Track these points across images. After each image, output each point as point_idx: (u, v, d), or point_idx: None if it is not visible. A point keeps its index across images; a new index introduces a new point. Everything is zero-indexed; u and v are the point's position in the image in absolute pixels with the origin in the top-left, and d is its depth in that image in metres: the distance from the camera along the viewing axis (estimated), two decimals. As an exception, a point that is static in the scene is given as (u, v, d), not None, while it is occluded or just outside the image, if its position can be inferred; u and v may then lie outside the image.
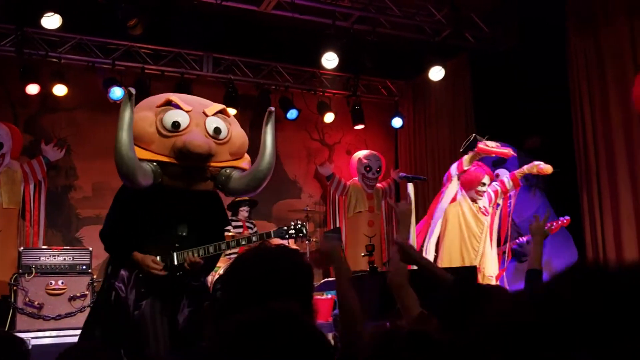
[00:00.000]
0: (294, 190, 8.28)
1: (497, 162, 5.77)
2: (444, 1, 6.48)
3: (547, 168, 5.03)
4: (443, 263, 5.11)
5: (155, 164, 3.31)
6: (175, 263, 3.34)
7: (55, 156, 6.75)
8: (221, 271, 5.81)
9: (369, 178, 7.93)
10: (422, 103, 8.05)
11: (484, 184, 5.16)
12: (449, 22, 6.62)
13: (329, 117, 7.92)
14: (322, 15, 6.30)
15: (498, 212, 5.36)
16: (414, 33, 6.73)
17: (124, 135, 3.13)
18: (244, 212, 6.94)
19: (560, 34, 5.95)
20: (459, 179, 5.35)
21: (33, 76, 6.51)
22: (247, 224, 6.92)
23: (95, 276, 5.74)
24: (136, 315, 3.26)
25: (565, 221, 5.32)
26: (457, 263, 5.10)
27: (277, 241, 4.42)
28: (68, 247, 6.08)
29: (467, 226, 5.22)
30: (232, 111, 7.15)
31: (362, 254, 6.01)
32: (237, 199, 6.87)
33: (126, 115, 3.16)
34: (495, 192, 5.29)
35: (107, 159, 6.95)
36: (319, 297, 5.88)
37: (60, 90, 6.61)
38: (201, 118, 3.46)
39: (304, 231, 3.78)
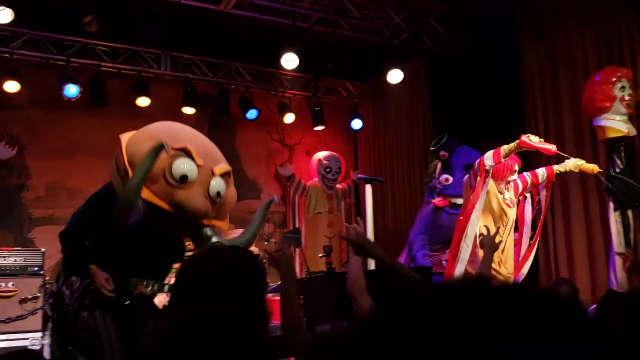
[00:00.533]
0: (254, 191, 8.24)
1: (469, 167, 5.74)
2: (402, 5, 6.56)
3: (591, 167, 4.55)
4: None
5: (145, 202, 3.21)
6: (124, 287, 3.21)
7: (6, 154, 6.56)
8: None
9: (328, 179, 7.96)
10: (382, 105, 8.13)
11: (515, 172, 4.70)
12: (407, 25, 6.70)
13: (289, 118, 7.92)
14: (282, 16, 6.29)
15: (529, 206, 4.84)
16: (373, 36, 6.79)
17: (140, 181, 3.10)
18: None
19: (514, 38, 6.10)
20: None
21: (-17, 72, 6.31)
22: None
23: (47, 278, 5.59)
24: (79, 323, 3.19)
25: None
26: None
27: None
28: (19, 248, 5.90)
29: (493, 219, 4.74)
30: (189, 110, 7.22)
31: (320, 255, 6.05)
32: None
33: (148, 163, 3.11)
34: (525, 183, 4.81)
35: (61, 158, 6.87)
36: (275, 298, 5.86)
37: (12, 86, 6.43)
38: (208, 176, 3.40)
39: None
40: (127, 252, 3.30)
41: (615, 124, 4.62)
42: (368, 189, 4.60)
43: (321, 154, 8.12)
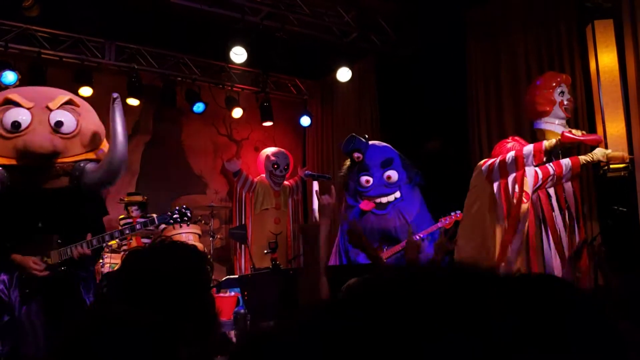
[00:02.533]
0: (199, 186, 8.12)
1: (386, 164, 5.67)
2: (352, 3, 6.59)
3: (620, 155, 4.39)
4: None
5: (0, 167, 3.27)
6: (59, 260, 3.31)
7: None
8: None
9: (276, 175, 7.92)
10: (330, 103, 8.15)
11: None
12: (356, 24, 6.74)
13: (237, 113, 7.84)
14: (231, 9, 6.21)
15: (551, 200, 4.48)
16: (322, 33, 6.79)
17: None
18: (134, 211, 6.74)
19: (460, 41, 6.23)
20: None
21: None
22: (139, 220, 6.71)
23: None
24: (22, 316, 3.23)
25: (458, 215, 5.37)
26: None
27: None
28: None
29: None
30: (134, 102, 7.04)
31: (265, 251, 6.01)
32: (124, 201, 6.70)
33: None
34: (546, 174, 4.45)
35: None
36: (222, 294, 5.80)
37: (-57, 71, 6.11)
38: (44, 114, 3.40)
39: (189, 214, 3.80)
40: (33, 228, 3.31)
41: (555, 127, 4.77)
42: (315, 185, 4.59)
43: (269, 150, 8.08)
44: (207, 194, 8.11)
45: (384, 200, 5.60)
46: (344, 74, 6.92)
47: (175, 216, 3.76)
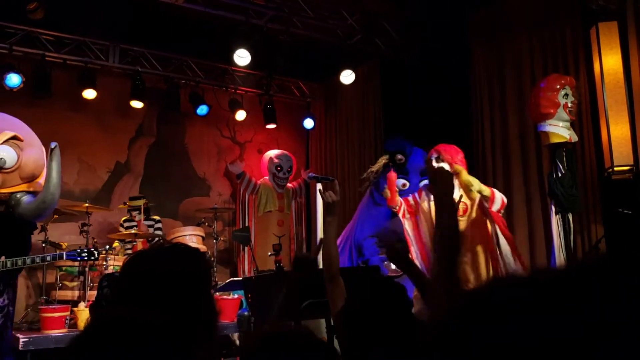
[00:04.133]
0: (203, 188, 8.13)
1: (424, 173, 5.66)
2: (356, 6, 6.59)
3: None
4: None
5: None
6: None
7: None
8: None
9: (279, 178, 7.92)
10: (334, 105, 8.16)
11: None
12: (360, 27, 6.74)
13: (240, 115, 7.85)
14: (236, 12, 6.22)
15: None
16: (326, 36, 6.80)
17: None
18: (137, 215, 6.76)
19: (464, 43, 6.23)
20: None
21: None
22: (143, 222, 6.73)
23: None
24: None
25: None
26: None
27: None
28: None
29: None
30: (138, 104, 7.05)
31: (269, 254, 5.99)
32: (127, 205, 6.72)
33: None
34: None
35: (0, 149, 6.56)
36: (225, 297, 5.80)
37: (-52, 74, 6.13)
38: None
39: (96, 254, 4.21)
40: None
41: (559, 130, 4.76)
42: (319, 188, 4.60)
43: (272, 153, 8.08)
44: (210, 196, 8.12)
45: None
46: (347, 77, 6.93)
47: (83, 254, 4.15)
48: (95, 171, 7.32)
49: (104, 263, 5.85)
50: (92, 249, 4.22)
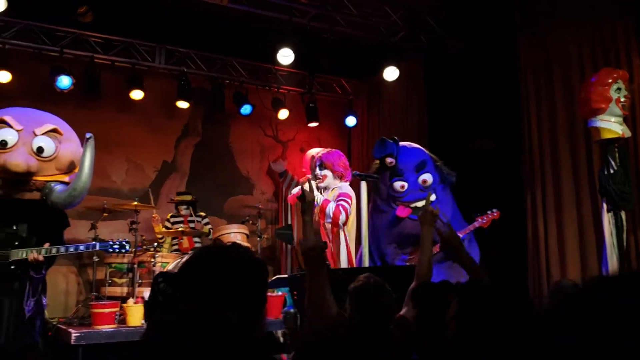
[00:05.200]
0: (247, 187, 8.22)
1: (420, 167, 5.52)
2: (399, 3, 6.54)
3: None
4: None
5: None
6: (13, 258, 3.90)
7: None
8: (170, 267, 5.72)
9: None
10: (376, 103, 8.11)
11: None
12: (404, 23, 6.69)
13: (283, 114, 7.89)
14: (279, 11, 6.26)
15: None
16: (369, 33, 6.77)
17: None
18: (183, 210, 6.87)
19: (510, 38, 6.11)
20: None
21: (-26, 61, 6.23)
22: (189, 219, 6.84)
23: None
24: None
25: (495, 214, 5.23)
26: None
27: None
28: None
29: None
30: (183, 105, 7.17)
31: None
32: (174, 200, 6.93)
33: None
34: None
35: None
36: (269, 294, 5.84)
37: (3, 77, 6.35)
38: (30, 137, 3.99)
39: (127, 247, 4.33)
40: (6, 230, 3.97)
41: (611, 125, 4.63)
42: (363, 185, 4.57)
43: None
44: (254, 194, 8.20)
45: (419, 204, 5.39)
46: (391, 73, 6.88)
47: (115, 246, 4.26)
48: (143, 170, 7.49)
49: (152, 260, 5.98)
50: (124, 242, 4.32)
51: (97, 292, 6.08)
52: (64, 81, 6.45)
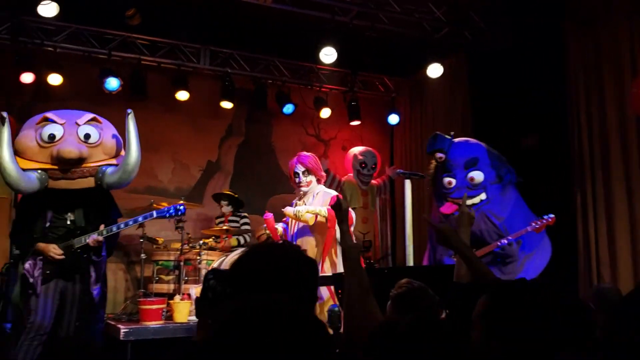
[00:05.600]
0: (288, 185, 8.20)
1: (470, 164, 5.45)
2: (443, -1, 6.48)
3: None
4: None
5: (40, 171, 4.16)
6: (77, 246, 4.28)
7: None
8: (215, 264, 5.81)
9: (364, 174, 7.89)
10: (419, 100, 8.04)
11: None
12: (448, 19, 6.61)
13: (325, 113, 7.90)
14: (321, 10, 6.27)
15: None
16: (412, 30, 6.71)
17: (4, 152, 4.00)
18: (224, 206, 6.95)
19: (558, 33, 5.95)
20: None
21: (28, 65, 6.43)
22: (230, 218, 6.91)
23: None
24: (41, 293, 4.21)
25: (550, 220, 5.12)
26: None
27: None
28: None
29: None
30: (227, 105, 7.26)
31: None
32: (216, 194, 7.09)
33: (4, 134, 4.01)
34: None
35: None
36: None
37: (55, 79, 6.55)
38: (74, 128, 4.28)
39: (183, 209, 4.60)
40: (63, 221, 4.33)
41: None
42: (407, 184, 4.55)
43: (357, 149, 8.07)
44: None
45: (467, 202, 5.37)
46: (435, 70, 6.80)
47: (171, 211, 4.57)
48: (188, 169, 7.62)
49: (198, 257, 6.08)
50: (179, 205, 4.59)
51: (145, 289, 6.21)
52: (112, 83, 6.61)
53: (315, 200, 5.07)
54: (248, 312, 1.06)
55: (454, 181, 5.43)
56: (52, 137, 4.22)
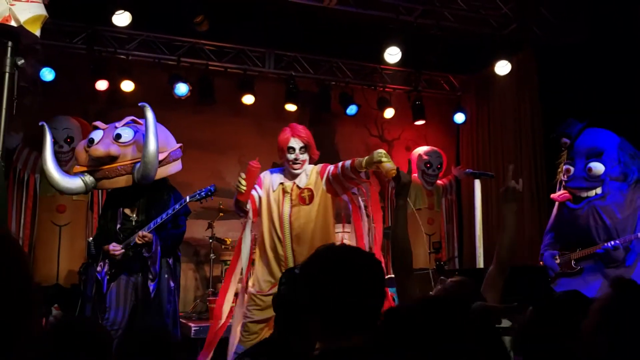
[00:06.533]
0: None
1: (593, 154, 5.04)
2: (510, -7, 6.31)
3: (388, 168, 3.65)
4: None
5: (86, 173, 4.44)
6: (132, 243, 4.47)
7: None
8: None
9: (429, 175, 7.79)
10: (486, 98, 7.84)
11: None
12: (515, 15, 6.44)
13: (388, 113, 7.85)
14: (385, 10, 6.24)
15: None
16: (479, 27, 6.58)
17: (47, 157, 4.35)
18: None
19: (634, 23, 5.68)
20: None
21: (102, 72, 6.70)
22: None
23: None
24: (109, 291, 4.44)
25: None
26: None
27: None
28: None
29: None
30: (292, 107, 7.32)
31: (429, 251, 5.91)
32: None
33: (47, 142, 4.36)
34: None
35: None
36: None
37: (127, 86, 6.79)
38: (112, 130, 4.52)
39: (213, 189, 4.74)
40: (124, 219, 4.59)
41: None
42: (477, 184, 4.45)
43: (421, 149, 7.98)
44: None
45: (582, 194, 4.97)
46: (503, 67, 6.63)
47: (202, 193, 4.70)
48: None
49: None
50: (211, 187, 4.73)
51: (214, 288, 6.35)
52: (182, 88, 6.80)
53: (310, 180, 4.22)
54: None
55: (572, 169, 5.09)
56: (91, 141, 4.52)
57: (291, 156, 4.20)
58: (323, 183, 4.19)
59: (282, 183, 4.25)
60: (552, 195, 5.12)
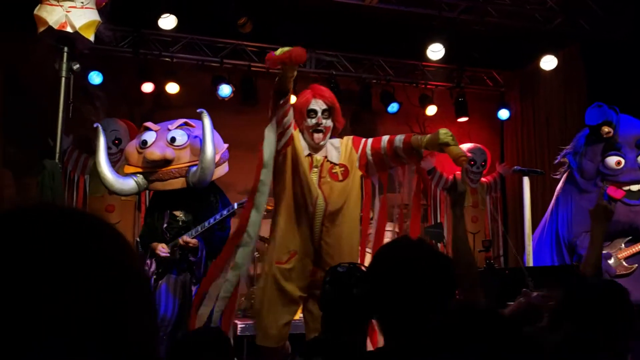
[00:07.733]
0: (393, 185, 8.19)
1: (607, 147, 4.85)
2: (556, -13, 6.19)
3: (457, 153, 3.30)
4: None
5: (139, 175, 4.47)
6: (178, 245, 4.48)
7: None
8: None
9: (472, 172, 7.68)
10: (531, 94, 7.70)
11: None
12: (561, 9, 6.30)
13: (431, 110, 7.78)
14: (428, 7, 6.19)
15: None
16: (523, 21, 6.47)
17: (100, 158, 4.42)
18: None
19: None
20: None
21: (148, 75, 6.85)
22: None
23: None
24: (158, 290, 4.43)
25: None
26: None
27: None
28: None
29: None
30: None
31: (479, 250, 5.82)
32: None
33: (100, 143, 4.45)
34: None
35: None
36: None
37: (172, 88, 6.91)
38: (165, 133, 4.56)
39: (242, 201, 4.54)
40: (173, 221, 4.57)
41: None
42: (526, 181, 4.38)
43: (464, 146, 7.85)
44: (400, 192, 8.16)
45: (635, 188, 4.78)
46: (549, 62, 6.51)
47: (240, 206, 4.56)
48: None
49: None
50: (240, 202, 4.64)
51: (258, 287, 6.41)
52: (225, 90, 6.89)
53: (344, 155, 3.69)
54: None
55: (623, 161, 4.84)
56: (144, 142, 4.57)
57: (312, 121, 3.52)
58: (357, 158, 3.64)
59: (310, 155, 3.55)
60: (609, 192, 4.76)
